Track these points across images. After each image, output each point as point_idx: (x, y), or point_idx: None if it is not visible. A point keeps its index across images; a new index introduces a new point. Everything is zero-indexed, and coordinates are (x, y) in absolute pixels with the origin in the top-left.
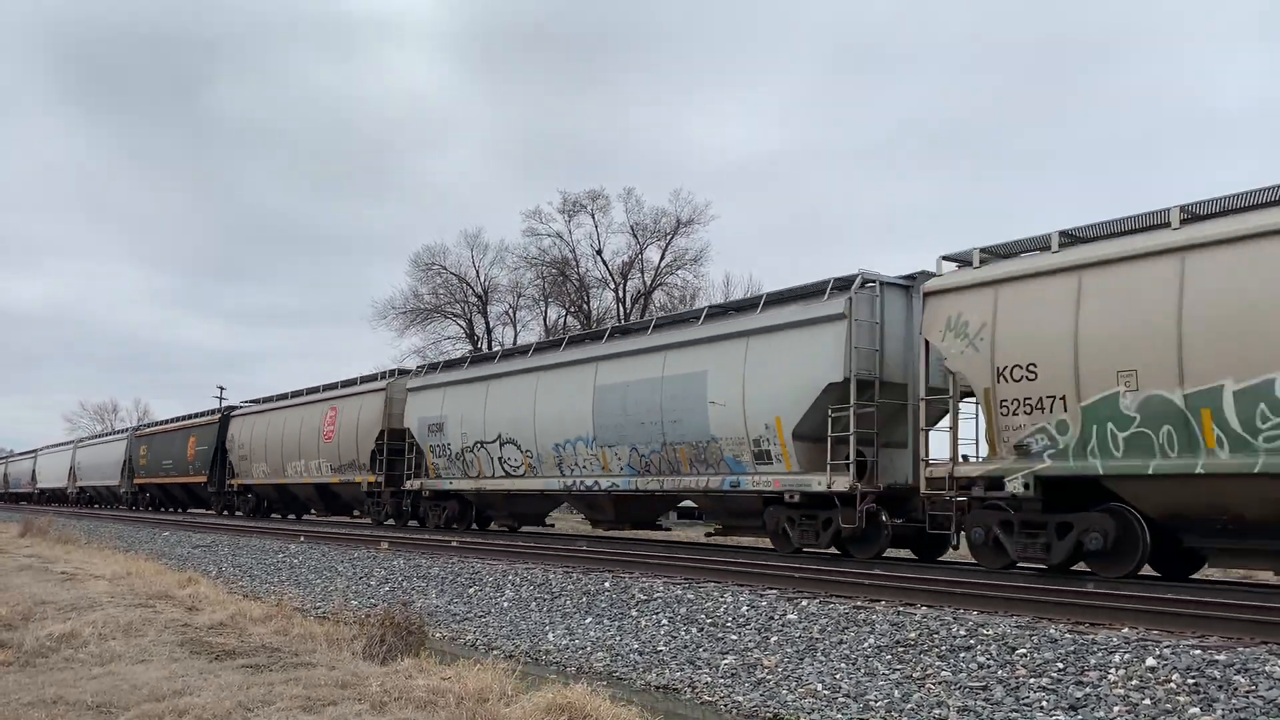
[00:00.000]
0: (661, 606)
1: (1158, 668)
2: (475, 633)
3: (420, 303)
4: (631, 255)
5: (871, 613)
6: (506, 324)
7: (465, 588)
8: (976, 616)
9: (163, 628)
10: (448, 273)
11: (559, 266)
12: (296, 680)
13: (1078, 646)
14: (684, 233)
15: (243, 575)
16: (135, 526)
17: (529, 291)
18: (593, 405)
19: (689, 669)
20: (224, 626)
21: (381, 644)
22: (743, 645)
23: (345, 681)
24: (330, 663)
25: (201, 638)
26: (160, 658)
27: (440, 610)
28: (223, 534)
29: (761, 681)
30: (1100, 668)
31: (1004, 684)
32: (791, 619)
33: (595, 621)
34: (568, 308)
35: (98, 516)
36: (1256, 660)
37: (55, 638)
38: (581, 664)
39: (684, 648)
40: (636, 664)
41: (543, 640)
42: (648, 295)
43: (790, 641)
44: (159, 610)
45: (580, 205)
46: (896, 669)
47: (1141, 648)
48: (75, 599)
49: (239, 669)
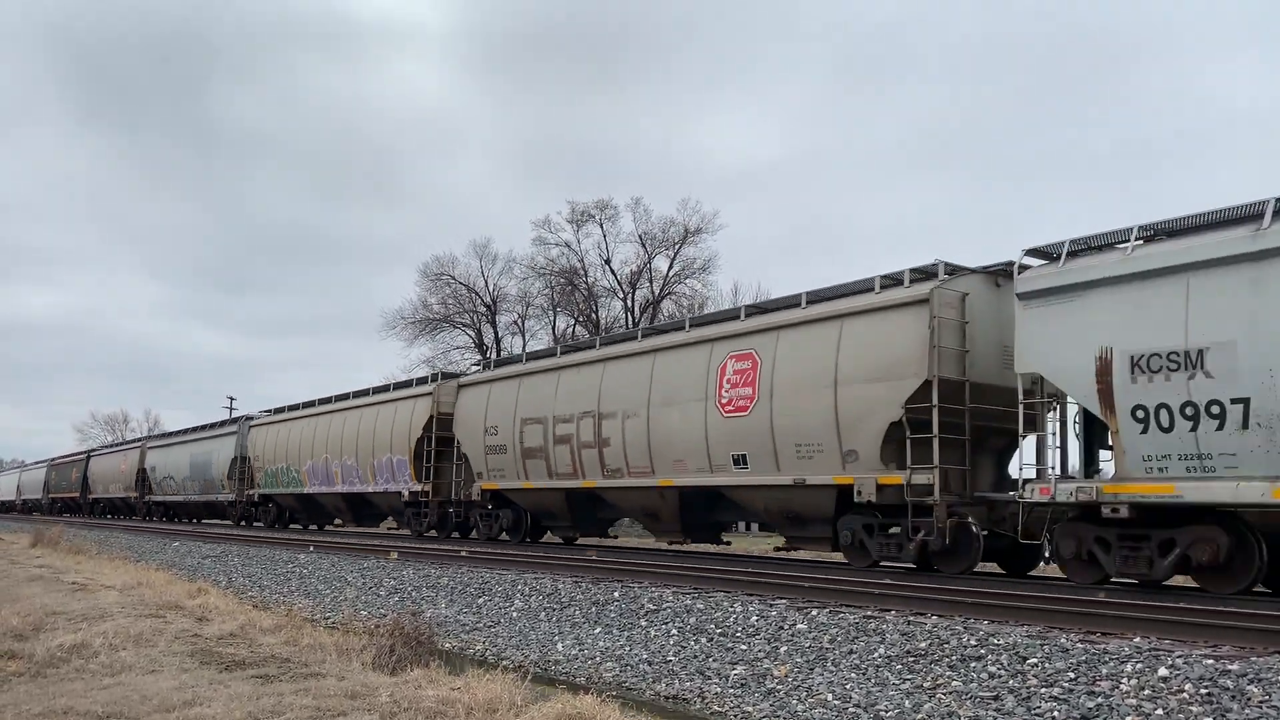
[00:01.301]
0: (671, 616)
1: (1170, 677)
2: (484, 643)
3: (429, 313)
4: (640, 264)
5: (882, 622)
6: (515, 334)
7: (475, 597)
8: (987, 626)
9: (173, 638)
10: (456, 283)
11: (568, 276)
12: (306, 691)
13: (1089, 656)
14: (692, 242)
15: (252, 585)
16: (146, 537)
17: (537, 301)
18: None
19: (698, 679)
20: (234, 637)
21: (391, 654)
22: (752, 655)
23: (355, 692)
24: (340, 673)
25: (211, 648)
26: (170, 668)
27: (449, 620)
28: (233, 544)
29: (771, 691)
30: (1112, 677)
31: (1015, 694)
32: (801, 629)
33: (604, 631)
34: (576, 317)
35: (108, 526)
36: (1270, 670)
37: (66, 648)
38: (591, 674)
39: (693, 658)
40: (646, 674)
41: (552, 650)
42: (656, 304)
43: (800, 651)
44: (169, 620)
45: (589, 215)
46: (907, 679)
47: (1154, 657)
48: (86, 609)
49: (249, 679)
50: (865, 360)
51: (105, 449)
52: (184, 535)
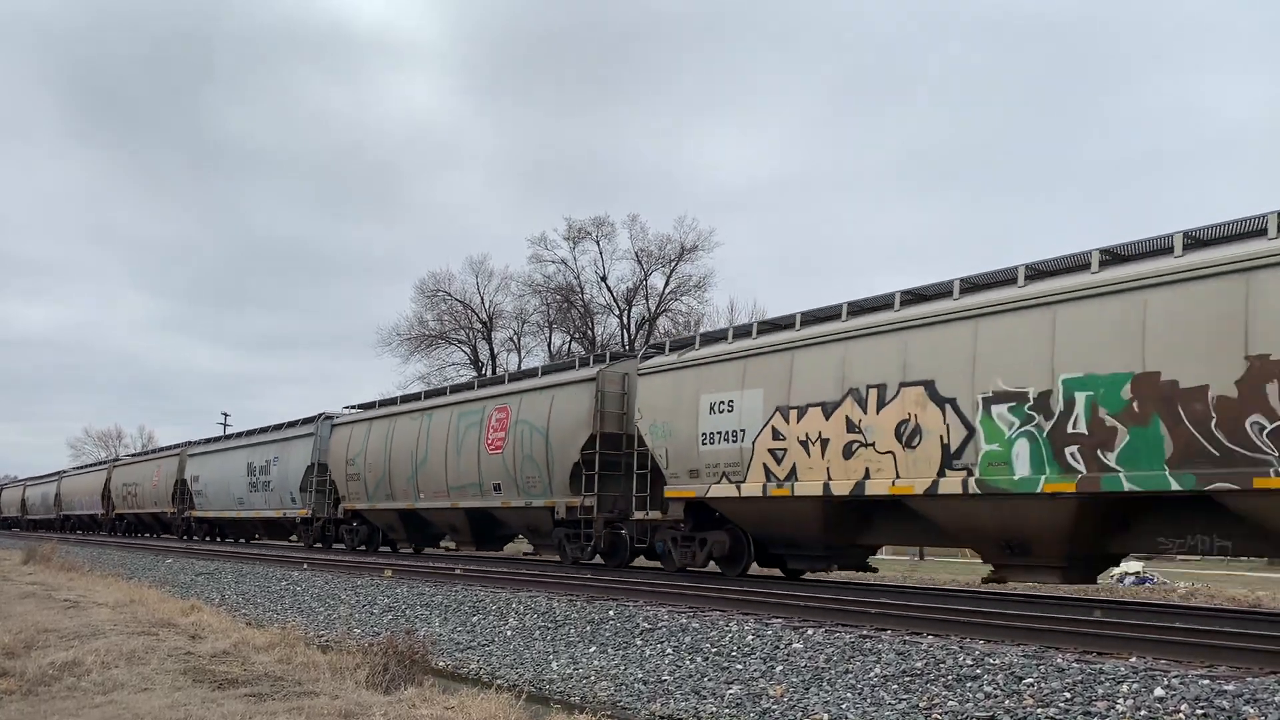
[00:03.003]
0: (666, 635)
1: (1166, 698)
2: (479, 661)
3: (425, 329)
4: (636, 281)
5: (878, 642)
6: (511, 350)
7: (469, 616)
8: (983, 646)
9: (165, 656)
10: (453, 299)
11: (564, 293)
12: (300, 710)
13: (1085, 676)
14: (688, 259)
15: (246, 603)
16: (138, 554)
17: (533, 318)
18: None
19: (694, 699)
20: (227, 655)
21: (385, 673)
22: (748, 675)
23: (348, 711)
24: (333, 692)
25: (204, 666)
26: (163, 686)
27: (444, 639)
28: (226, 561)
29: (767, 711)
30: (1108, 698)
31: (1011, 714)
32: (797, 648)
33: (599, 650)
34: (572, 334)
35: (103, 544)
36: (1266, 690)
37: (58, 666)
38: (585, 693)
39: (689, 677)
40: (641, 693)
41: (546, 669)
42: (652, 321)
43: (796, 671)
44: (162, 638)
45: (585, 232)
46: (903, 698)
47: (1150, 677)
48: (78, 627)
49: (242, 698)
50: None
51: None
52: (177, 553)
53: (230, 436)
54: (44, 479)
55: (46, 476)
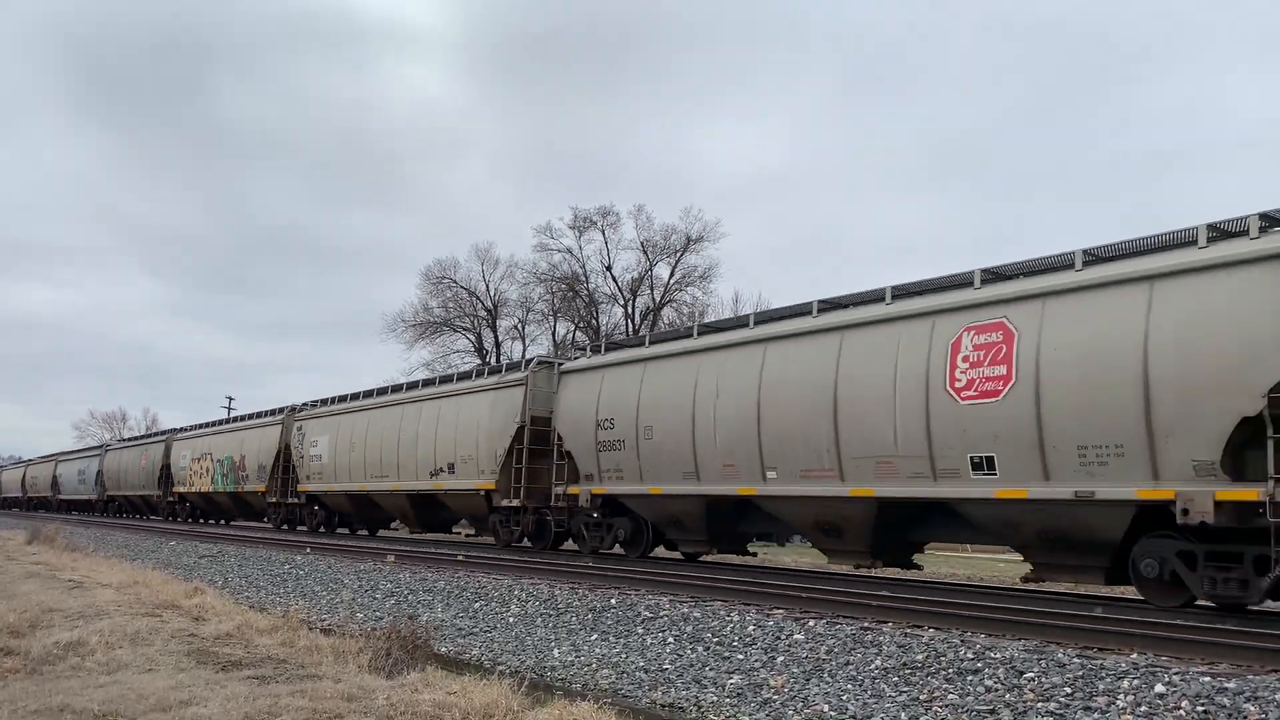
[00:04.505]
0: (668, 624)
1: (1166, 694)
2: (480, 648)
3: (430, 316)
4: (641, 272)
5: (879, 634)
6: (515, 338)
7: (471, 602)
8: (984, 639)
9: (169, 637)
10: (458, 286)
11: (569, 282)
12: (303, 692)
13: (1086, 671)
14: (694, 250)
15: (249, 586)
16: (142, 535)
17: (538, 306)
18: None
19: (695, 688)
20: (230, 637)
21: (387, 657)
22: (749, 665)
23: (351, 694)
24: (336, 675)
25: (208, 648)
26: (167, 667)
27: (446, 624)
28: (229, 544)
29: (768, 702)
30: (1109, 693)
31: (1011, 708)
32: (798, 639)
33: (601, 638)
34: (576, 323)
35: (106, 526)
36: (1266, 688)
37: (62, 646)
38: (587, 681)
39: (690, 666)
40: (642, 681)
41: (548, 657)
42: (657, 311)
43: (797, 662)
44: (165, 620)
45: (591, 221)
46: (903, 691)
47: (1150, 674)
48: (82, 607)
49: (245, 680)
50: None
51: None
52: (180, 535)
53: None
54: (42, 460)
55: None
